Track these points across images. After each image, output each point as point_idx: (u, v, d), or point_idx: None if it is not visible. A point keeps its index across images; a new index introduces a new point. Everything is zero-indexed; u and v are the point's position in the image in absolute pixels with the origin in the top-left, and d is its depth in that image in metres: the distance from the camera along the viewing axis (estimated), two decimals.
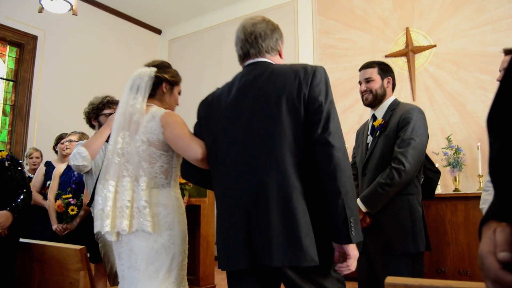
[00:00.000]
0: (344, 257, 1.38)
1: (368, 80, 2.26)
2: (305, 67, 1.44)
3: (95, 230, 1.72)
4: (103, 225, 1.66)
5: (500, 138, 0.63)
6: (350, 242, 1.32)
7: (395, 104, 2.23)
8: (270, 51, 1.58)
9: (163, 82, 1.92)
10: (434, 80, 4.94)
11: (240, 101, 1.48)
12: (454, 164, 4.39)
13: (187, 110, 7.01)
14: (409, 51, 5.12)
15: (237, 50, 1.62)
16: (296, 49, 6.13)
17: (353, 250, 1.35)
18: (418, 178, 2.13)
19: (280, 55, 1.65)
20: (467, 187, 4.50)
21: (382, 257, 2.03)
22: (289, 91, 1.39)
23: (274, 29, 1.62)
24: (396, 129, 2.09)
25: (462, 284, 1.06)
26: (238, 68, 1.63)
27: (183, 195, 3.32)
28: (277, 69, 1.48)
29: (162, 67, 1.94)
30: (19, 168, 2.63)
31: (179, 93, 2.04)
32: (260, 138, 1.39)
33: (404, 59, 5.18)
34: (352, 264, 1.36)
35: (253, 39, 1.56)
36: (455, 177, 4.41)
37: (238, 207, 1.39)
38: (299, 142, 1.37)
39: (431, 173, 2.36)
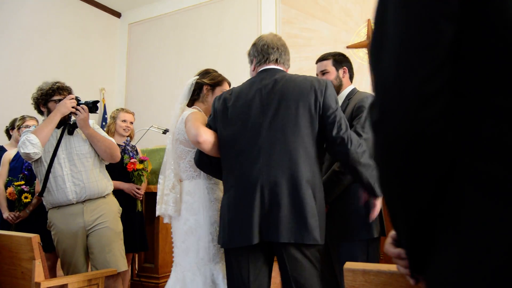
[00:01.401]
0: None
1: (323, 72, 2.30)
2: (318, 80, 1.78)
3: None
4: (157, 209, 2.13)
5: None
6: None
7: (353, 93, 2.27)
8: (284, 63, 1.91)
9: (204, 86, 2.25)
10: None
11: (262, 99, 1.74)
12: None
13: (147, 97, 6.81)
14: (370, 43, 5.20)
15: (255, 54, 1.91)
16: None
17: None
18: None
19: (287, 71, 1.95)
20: None
21: (338, 243, 2.08)
22: (306, 97, 1.70)
23: (288, 50, 1.96)
24: (351, 118, 2.12)
25: None
26: (200, 56, 1.76)
27: (140, 181, 3.27)
28: (294, 77, 1.79)
29: (203, 73, 2.32)
30: None
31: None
32: (280, 133, 1.67)
33: (365, 50, 5.27)
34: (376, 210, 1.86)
35: (276, 49, 1.88)
36: None
37: (255, 189, 1.64)
38: (310, 140, 1.69)
39: None
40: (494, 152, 0.58)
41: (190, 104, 2.28)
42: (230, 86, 2.38)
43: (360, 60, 5.25)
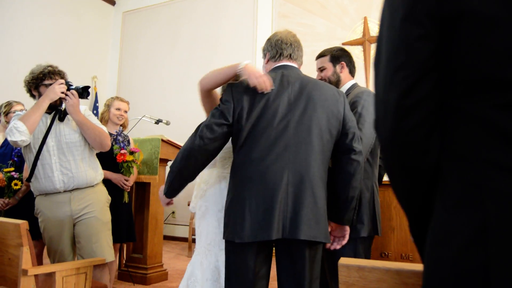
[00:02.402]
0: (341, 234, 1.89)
1: (321, 69, 2.30)
2: (338, 91, 1.87)
3: None
4: None
5: None
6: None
7: (352, 88, 2.25)
8: (297, 60, 1.94)
9: None
10: None
11: (289, 97, 1.75)
12: None
13: (140, 86, 6.79)
14: (366, 41, 5.22)
15: (269, 49, 1.92)
16: (255, 30, 6.08)
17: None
18: (370, 162, 2.15)
19: None
20: None
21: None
22: (331, 105, 1.78)
23: (301, 46, 1.99)
24: None
25: (411, 266, 1.09)
26: (194, 47, 1.70)
27: (129, 173, 3.25)
28: (319, 83, 1.85)
29: None
30: None
31: None
32: (306, 134, 1.71)
33: (360, 48, 5.28)
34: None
35: (289, 44, 1.90)
36: None
37: (280, 184, 1.64)
38: (329, 147, 1.77)
39: (380, 161, 2.41)
40: (461, 155, 0.67)
41: None
42: None
43: (356, 57, 5.21)
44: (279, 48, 1.90)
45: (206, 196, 2.14)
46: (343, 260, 1.21)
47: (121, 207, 3.21)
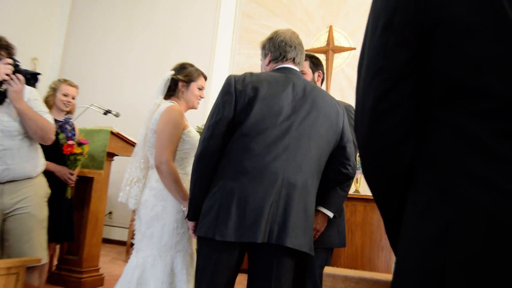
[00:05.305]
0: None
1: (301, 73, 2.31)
2: (337, 102, 1.91)
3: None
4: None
5: None
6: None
7: None
8: (300, 63, 1.93)
9: (179, 82, 2.34)
10: (349, 82, 5.20)
11: (294, 98, 1.75)
12: (357, 166, 4.66)
13: (88, 72, 6.50)
14: (329, 50, 5.32)
15: (272, 49, 1.90)
16: (216, 28, 6.03)
17: None
18: None
19: None
20: (367, 189, 4.81)
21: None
22: (332, 115, 1.81)
23: (303, 50, 1.98)
24: None
25: None
26: (150, 36, 1.64)
27: (74, 167, 3.08)
28: (322, 92, 1.87)
29: (179, 68, 2.38)
30: None
31: (200, 88, 2.39)
32: (306, 138, 1.71)
33: (323, 56, 5.36)
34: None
35: (294, 48, 1.88)
36: (356, 179, 4.68)
37: (274, 184, 1.62)
38: (325, 156, 1.79)
39: None
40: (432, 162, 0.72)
41: (167, 97, 2.37)
42: (206, 79, 2.44)
43: None
44: (283, 50, 1.88)
45: (163, 196, 2.13)
46: (328, 270, 1.19)
47: (61, 203, 3.04)
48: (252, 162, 1.64)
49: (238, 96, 1.71)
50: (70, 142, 3.01)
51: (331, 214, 2.03)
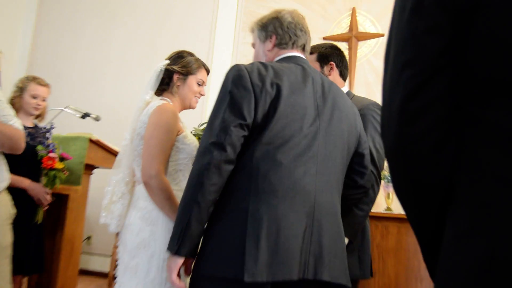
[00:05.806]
0: None
1: None
2: (355, 106, 1.93)
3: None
4: None
5: None
6: None
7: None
8: (308, 52, 1.92)
9: (174, 74, 2.25)
10: (377, 75, 5.17)
11: (315, 98, 1.73)
12: (389, 178, 4.58)
13: (61, 69, 6.52)
14: (352, 37, 5.30)
15: (278, 31, 1.84)
16: (215, 13, 6.04)
17: None
18: None
19: None
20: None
21: None
22: (351, 117, 1.82)
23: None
24: None
25: None
26: (135, 28, 1.57)
27: (52, 185, 3.09)
28: (338, 87, 1.87)
29: (175, 57, 2.30)
30: None
31: (200, 83, 2.31)
32: (332, 147, 1.70)
33: (345, 45, 5.34)
34: None
35: (305, 32, 1.87)
36: (388, 194, 4.60)
37: (306, 210, 1.57)
38: (346, 165, 1.81)
39: None
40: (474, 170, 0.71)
41: (159, 93, 2.29)
42: (208, 73, 2.36)
43: None
44: (293, 34, 1.84)
45: (152, 218, 2.04)
46: None
47: (30, 226, 3.05)
48: (280, 178, 1.55)
49: (258, 94, 1.59)
50: (52, 154, 3.02)
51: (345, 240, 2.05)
